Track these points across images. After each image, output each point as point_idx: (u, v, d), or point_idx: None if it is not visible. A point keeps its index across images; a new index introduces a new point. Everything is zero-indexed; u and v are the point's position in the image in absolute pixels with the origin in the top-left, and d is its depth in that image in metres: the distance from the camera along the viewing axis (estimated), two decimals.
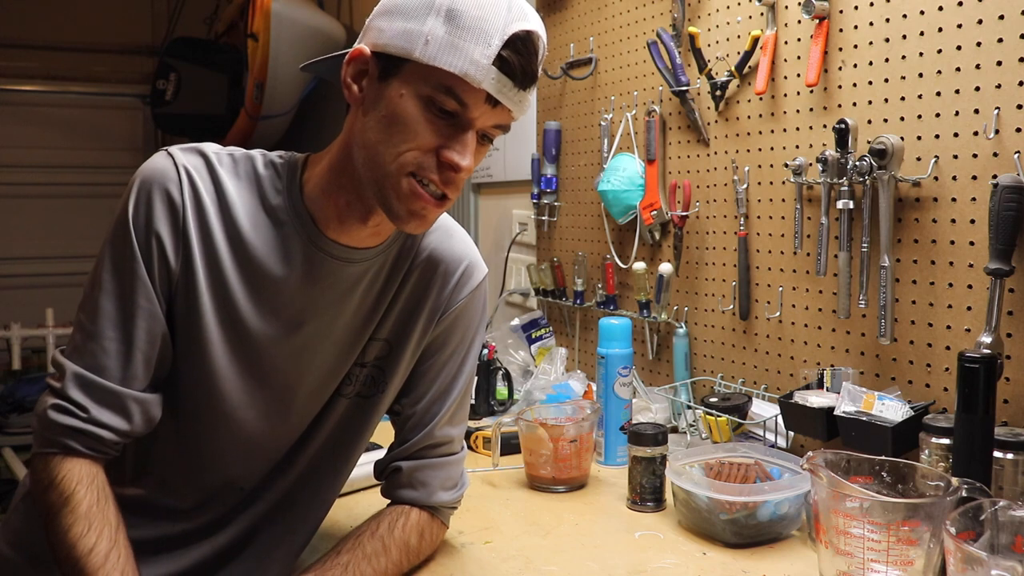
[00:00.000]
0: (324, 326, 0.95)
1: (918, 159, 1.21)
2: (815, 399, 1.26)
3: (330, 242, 0.92)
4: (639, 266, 1.71)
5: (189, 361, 0.91)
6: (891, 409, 1.15)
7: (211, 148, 0.92)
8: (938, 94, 1.18)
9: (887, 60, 1.26)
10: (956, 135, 1.16)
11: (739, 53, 1.51)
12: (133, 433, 0.88)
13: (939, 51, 1.18)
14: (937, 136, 1.18)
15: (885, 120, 1.26)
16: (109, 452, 0.88)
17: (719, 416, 1.40)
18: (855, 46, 1.31)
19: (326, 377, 0.98)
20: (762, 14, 1.46)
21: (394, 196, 0.85)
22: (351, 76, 0.87)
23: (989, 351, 1.04)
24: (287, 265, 0.92)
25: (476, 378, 1.35)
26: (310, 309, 0.94)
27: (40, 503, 0.85)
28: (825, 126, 1.35)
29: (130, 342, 0.87)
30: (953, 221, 1.17)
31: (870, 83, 1.28)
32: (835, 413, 1.20)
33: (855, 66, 1.31)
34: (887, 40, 1.25)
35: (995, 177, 1.09)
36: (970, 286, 1.15)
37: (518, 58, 0.81)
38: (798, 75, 1.41)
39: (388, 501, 1.04)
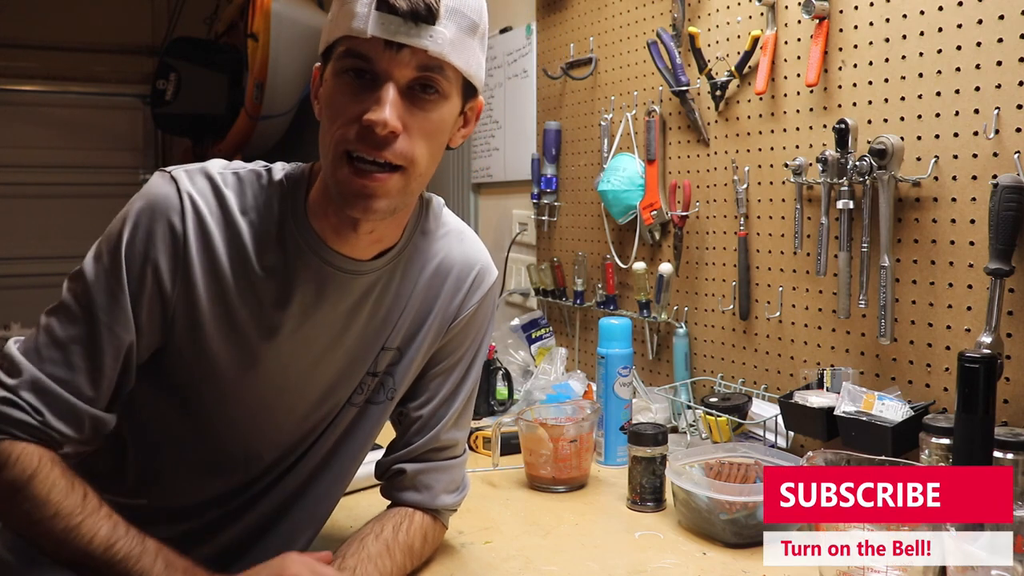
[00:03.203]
0: (336, 340, 0.94)
1: (918, 159, 1.21)
2: (815, 399, 1.26)
3: (337, 256, 0.91)
4: (639, 266, 1.71)
5: (199, 381, 0.91)
6: (891, 409, 1.15)
7: (216, 168, 0.91)
8: (938, 94, 1.18)
9: (887, 60, 1.26)
10: (956, 135, 1.16)
11: (739, 53, 1.51)
12: (81, 443, 0.86)
13: (939, 51, 1.18)
14: (937, 136, 1.18)
15: (885, 120, 1.26)
16: (58, 450, 0.85)
17: (719, 416, 1.40)
18: (855, 46, 1.31)
19: (338, 388, 0.98)
20: (762, 14, 1.46)
21: (334, 184, 0.84)
22: (314, 94, 0.89)
23: (989, 351, 1.04)
24: (296, 284, 0.90)
25: None
26: (322, 325, 0.93)
27: None
28: (825, 126, 1.35)
29: (98, 365, 0.84)
30: (953, 221, 1.17)
31: (870, 83, 1.28)
32: (835, 413, 1.20)
33: (855, 66, 1.31)
34: (887, 40, 1.25)
35: (995, 177, 1.09)
36: (970, 286, 1.15)
37: None
38: (798, 75, 1.41)
39: (388, 501, 1.04)
